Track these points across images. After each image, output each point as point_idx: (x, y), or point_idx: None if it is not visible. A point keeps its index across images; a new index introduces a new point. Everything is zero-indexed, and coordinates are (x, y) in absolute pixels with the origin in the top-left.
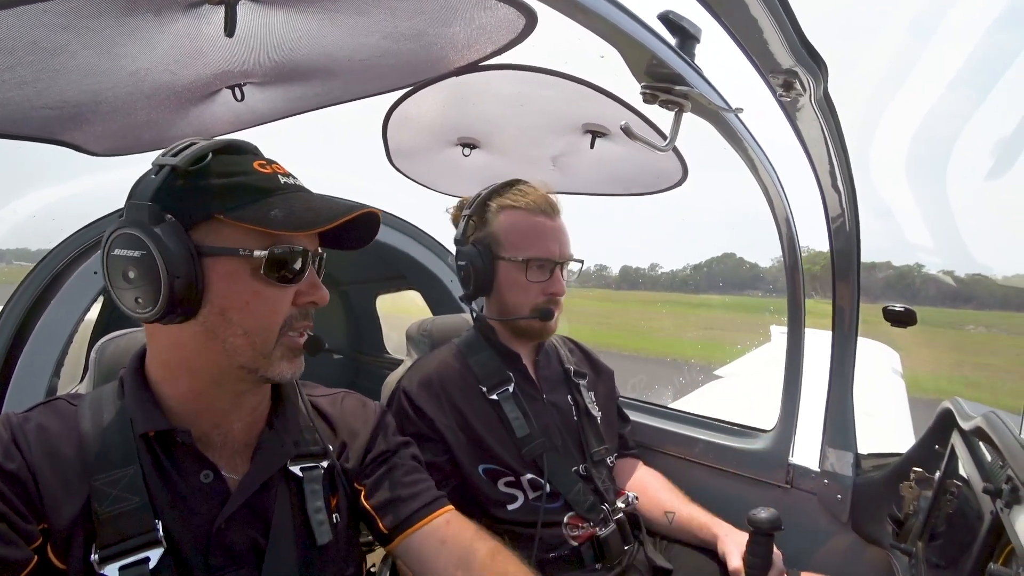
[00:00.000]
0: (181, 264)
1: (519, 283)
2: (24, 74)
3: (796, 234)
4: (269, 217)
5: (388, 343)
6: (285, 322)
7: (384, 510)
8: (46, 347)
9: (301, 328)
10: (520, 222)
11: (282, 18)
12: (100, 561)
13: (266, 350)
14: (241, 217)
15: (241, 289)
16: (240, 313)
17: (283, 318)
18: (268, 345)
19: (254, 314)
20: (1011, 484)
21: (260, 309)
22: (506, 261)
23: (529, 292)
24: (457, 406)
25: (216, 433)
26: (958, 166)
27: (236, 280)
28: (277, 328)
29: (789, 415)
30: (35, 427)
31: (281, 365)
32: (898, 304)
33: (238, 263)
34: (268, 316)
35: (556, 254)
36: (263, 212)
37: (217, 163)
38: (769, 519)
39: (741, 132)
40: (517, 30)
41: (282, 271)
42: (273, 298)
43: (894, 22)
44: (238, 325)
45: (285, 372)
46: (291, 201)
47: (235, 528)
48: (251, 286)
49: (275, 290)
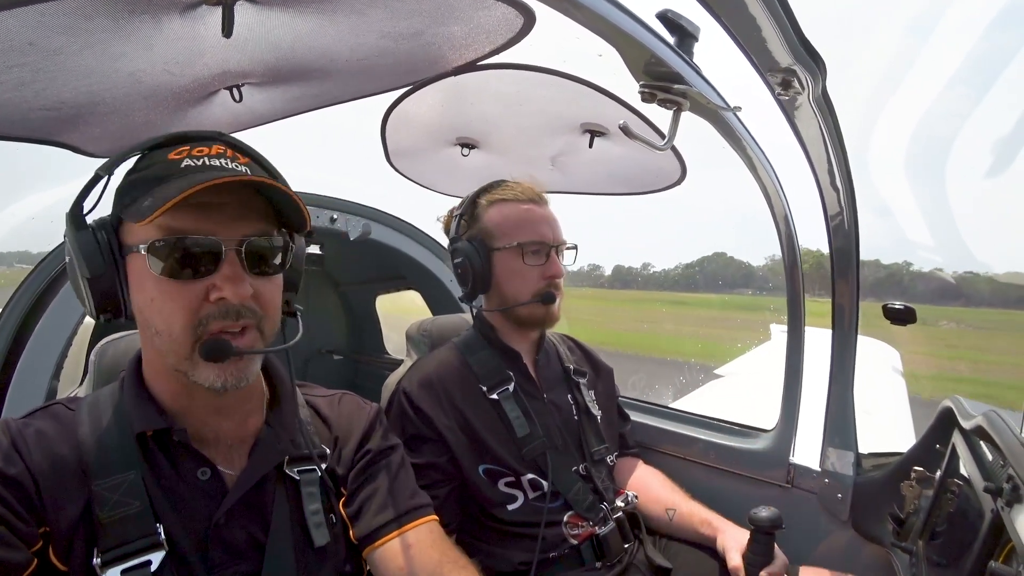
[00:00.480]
0: (97, 265)
1: (516, 270)
2: (22, 75)
3: (795, 233)
4: (141, 208)
5: (388, 343)
6: (198, 320)
7: (355, 519)
8: (46, 349)
9: (223, 327)
10: (511, 212)
11: (280, 18)
12: (102, 565)
13: (183, 352)
14: (129, 214)
15: (145, 286)
16: (149, 312)
17: (189, 316)
18: (182, 346)
19: (159, 312)
20: (1012, 483)
21: (163, 307)
22: (501, 251)
23: (527, 278)
24: (457, 406)
25: (206, 431)
26: (956, 166)
27: (142, 277)
28: (184, 327)
29: (790, 414)
30: (35, 432)
31: (206, 371)
32: (897, 302)
33: (140, 260)
34: (171, 314)
35: (550, 237)
36: (139, 204)
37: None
38: (770, 518)
39: (740, 131)
40: (515, 29)
41: (178, 264)
42: (172, 294)
43: (894, 21)
44: (151, 325)
45: (211, 378)
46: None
47: (234, 524)
48: (152, 282)
49: (174, 285)
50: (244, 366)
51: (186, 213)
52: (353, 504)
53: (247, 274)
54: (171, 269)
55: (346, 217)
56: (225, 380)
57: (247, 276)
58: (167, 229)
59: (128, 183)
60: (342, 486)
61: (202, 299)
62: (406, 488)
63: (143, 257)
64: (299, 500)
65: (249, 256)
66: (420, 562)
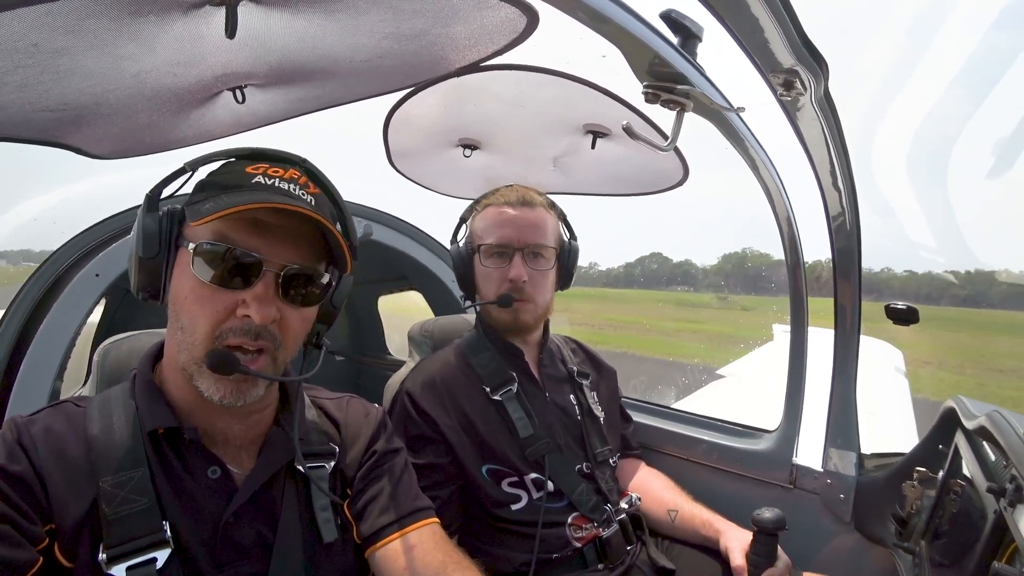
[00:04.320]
0: (153, 246)
1: (483, 273)
2: (25, 77)
3: (798, 233)
4: (201, 209)
5: (390, 344)
6: (220, 331)
7: (360, 519)
8: (49, 350)
9: (240, 343)
10: (489, 215)
11: (283, 19)
12: (108, 561)
13: (196, 355)
14: (191, 212)
15: (184, 281)
16: (181, 306)
17: (213, 323)
18: (197, 349)
19: (189, 311)
20: (1015, 483)
21: (194, 306)
22: (478, 253)
23: (491, 280)
24: (461, 407)
25: (216, 431)
26: (956, 168)
27: (183, 272)
28: (206, 332)
29: (793, 415)
30: (41, 429)
31: (208, 382)
32: (900, 303)
33: (186, 256)
34: (197, 315)
35: (513, 240)
36: (201, 205)
37: (223, 166)
38: (773, 519)
39: (743, 132)
40: (518, 30)
41: (217, 271)
42: (205, 298)
43: (896, 21)
44: (179, 319)
45: (211, 390)
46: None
47: (242, 523)
48: (190, 280)
49: (208, 290)
50: (246, 387)
51: (241, 226)
52: (357, 505)
53: (278, 299)
54: (211, 273)
55: None
56: (223, 396)
57: (277, 300)
58: (219, 235)
59: (201, 184)
60: (348, 487)
61: (230, 311)
62: (409, 490)
63: (189, 254)
64: (308, 496)
65: (285, 282)
66: (423, 563)
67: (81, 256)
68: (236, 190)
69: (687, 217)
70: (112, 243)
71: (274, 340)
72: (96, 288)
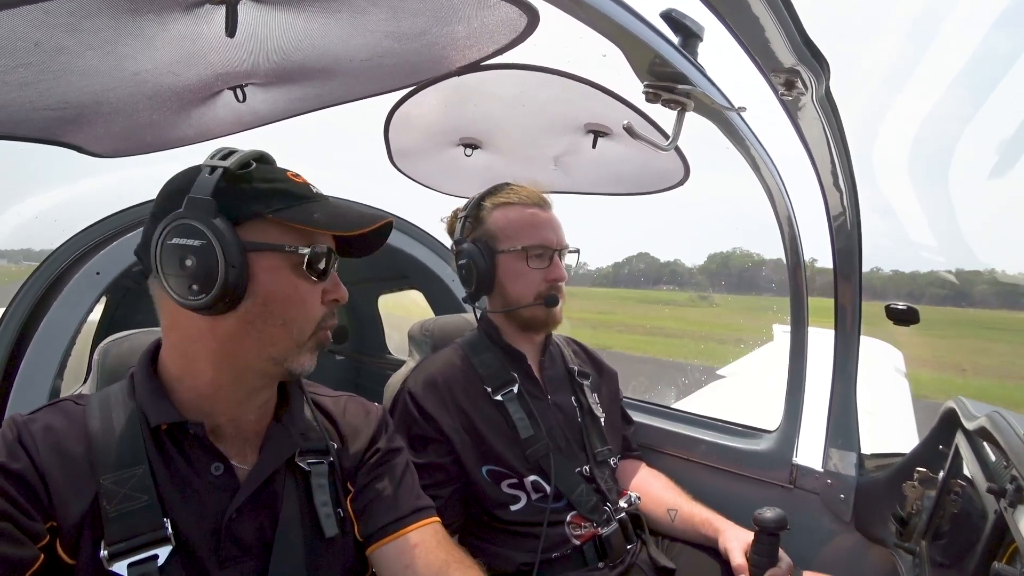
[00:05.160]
0: (236, 255)
1: (520, 272)
2: (26, 75)
3: (798, 233)
4: (314, 219)
5: (390, 343)
6: (322, 317)
7: (362, 517)
8: (49, 349)
9: (331, 326)
10: (516, 215)
11: (283, 18)
12: (109, 558)
13: (301, 340)
14: (289, 217)
15: (284, 283)
16: (281, 305)
17: (320, 312)
18: (304, 336)
19: (295, 306)
20: (1015, 484)
21: (300, 302)
22: (505, 253)
23: (531, 280)
24: (462, 407)
25: (229, 425)
26: (953, 169)
27: (279, 274)
28: (315, 321)
29: (793, 415)
30: (41, 427)
31: (305, 358)
32: (900, 303)
33: (281, 259)
34: (307, 309)
35: (553, 242)
36: (307, 214)
37: (258, 170)
38: (775, 519)
39: (744, 131)
40: (519, 29)
41: (317, 268)
42: (310, 292)
43: (898, 20)
44: (278, 316)
45: (307, 364)
46: (325, 207)
47: (245, 519)
48: (292, 280)
49: (311, 285)
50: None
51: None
52: (359, 503)
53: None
54: (314, 271)
55: None
56: (312, 365)
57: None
58: (311, 238)
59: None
60: (349, 482)
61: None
62: (411, 490)
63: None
64: (309, 491)
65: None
66: (425, 561)
67: (82, 254)
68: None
69: (679, 217)
70: (113, 241)
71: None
72: (96, 286)
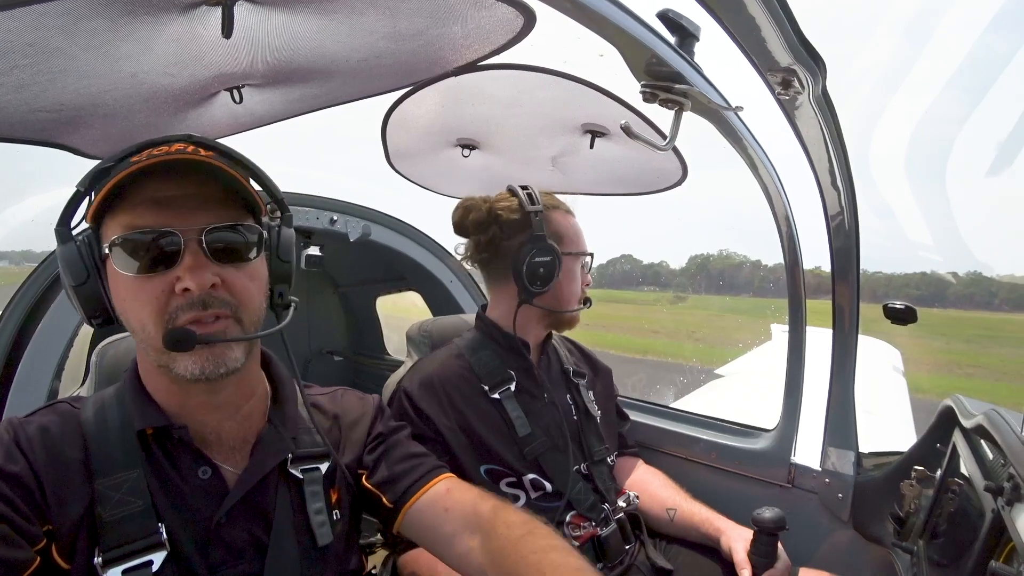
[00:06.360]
0: (79, 273)
1: (576, 276)
2: (21, 77)
3: (796, 233)
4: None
5: (388, 344)
6: (168, 314)
7: (385, 486)
8: (47, 350)
9: (193, 318)
10: (570, 221)
11: (279, 19)
12: (103, 564)
13: (157, 345)
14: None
15: (116, 286)
16: (123, 310)
17: (159, 310)
18: (155, 339)
19: (130, 309)
20: (1012, 482)
21: (131, 303)
22: (570, 256)
23: (579, 284)
24: (458, 407)
25: (207, 431)
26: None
27: (114, 278)
28: (155, 321)
29: (791, 414)
30: (37, 430)
31: (182, 360)
32: (898, 302)
33: (112, 263)
34: (139, 308)
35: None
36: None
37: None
38: (774, 519)
39: (741, 131)
40: (516, 29)
41: (141, 260)
42: (139, 290)
43: (893, 20)
44: (130, 323)
45: (189, 367)
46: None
47: (235, 523)
48: (120, 281)
49: (140, 281)
50: (220, 352)
51: (144, 210)
52: (376, 477)
53: (212, 263)
54: (135, 265)
55: (346, 218)
56: (202, 367)
57: (212, 265)
58: (128, 227)
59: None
60: (355, 469)
61: (169, 293)
62: (424, 454)
63: (110, 258)
64: (302, 499)
65: (210, 244)
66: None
67: None
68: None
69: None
70: None
71: (227, 304)
72: None
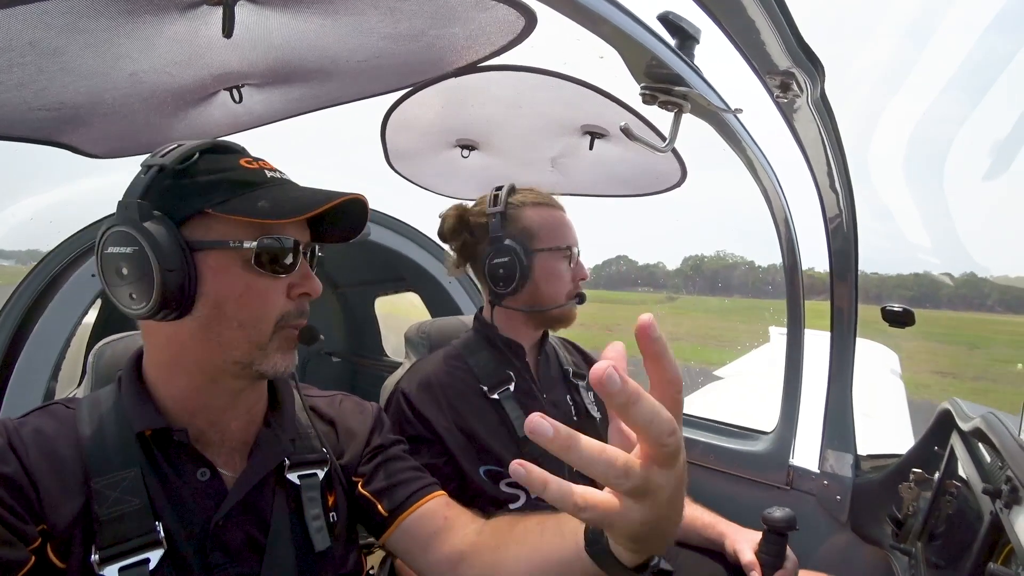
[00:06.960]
0: (172, 258)
1: (558, 272)
2: (22, 76)
3: (795, 235)
4: (256, 208)
5: (386, 345)
6: (282, 315)
7: (382, 494)
8: (44, 350)
9: (297, 324)
10: (550, 215)
11: (280, 19)
12: (100, 562)
13: (262, 342)
14: (229, 209)
15: (234, 281)
16: (234, 305)
17: (278, 310)
18: (264, 337)
19: (248, 306)
20: (1010, 484)
21: (254, 300)
22: (544, 252)
23: (564, 280)
24: (456, 408)
25: (213, 431)
26: (953, 172)
27: (228, 273)
28: (272, 320)
29: (789, 417)
30: (31, 430)
31: (275, 358)
32: (895, 305)
33: (230, 256)
34: (262, 307)
35: (577, 243)
36: (250, 204)
37: (204, 161)
38: (784, 518)
39: (740, 133)
40: (516, 31)
41: (273, 262)
42: (266, 289)
43: (892, 23)
44: (233, 318)
45: (279, 365)
46: (276, 192)
47: (233, 525)
48: (243, 278)
49: (267, 281)
50: (294, 355)
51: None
52: (373, 485)
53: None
54: (269, 266)
55: None
56: (287, 365)
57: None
58: (264, 228)
59: (209, 182)
60: (352, 475)
61: (285, 295)
62: (420, 470)
63: (234, 252)
64: (299, 504)
65: (311, 257)
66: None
67: (78, 255)
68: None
69: (664, 220)
70: None
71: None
72: (92, 288)
